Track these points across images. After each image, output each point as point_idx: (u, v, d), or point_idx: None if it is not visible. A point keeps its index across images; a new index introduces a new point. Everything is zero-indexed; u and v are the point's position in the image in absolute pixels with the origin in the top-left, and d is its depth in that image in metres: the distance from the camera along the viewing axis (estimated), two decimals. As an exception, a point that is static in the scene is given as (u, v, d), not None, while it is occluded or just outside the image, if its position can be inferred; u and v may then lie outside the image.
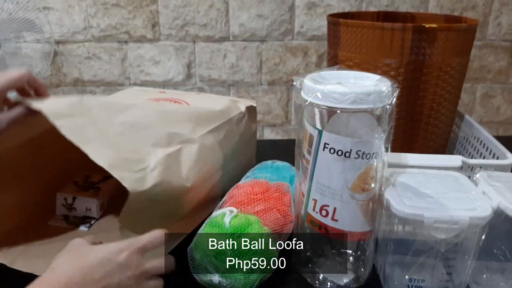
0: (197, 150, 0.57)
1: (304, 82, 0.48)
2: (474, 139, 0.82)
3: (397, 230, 0.52)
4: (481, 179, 0.54)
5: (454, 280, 0.53)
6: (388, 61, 0.72)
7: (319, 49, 1.39)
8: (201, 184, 0.58)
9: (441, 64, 0.72)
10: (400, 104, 0.74)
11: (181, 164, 0.54)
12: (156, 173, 0.50)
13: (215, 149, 0.62)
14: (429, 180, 0.54)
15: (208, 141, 0.61)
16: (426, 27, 0.68)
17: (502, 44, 1.39)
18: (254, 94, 1.46)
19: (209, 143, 0.61)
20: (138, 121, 0.55)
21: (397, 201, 0.48)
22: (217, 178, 0.63)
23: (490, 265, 0.54)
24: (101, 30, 1.37)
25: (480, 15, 1.35)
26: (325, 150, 0.47)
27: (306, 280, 0.55)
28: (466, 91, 1.45)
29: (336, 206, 0.49)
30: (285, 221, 0.57)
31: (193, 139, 0.58)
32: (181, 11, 1.35)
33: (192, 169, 0.55)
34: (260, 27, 1.37)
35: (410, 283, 0.53)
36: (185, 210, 0.57)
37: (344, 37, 0.76)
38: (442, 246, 0.50)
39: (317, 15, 1.35)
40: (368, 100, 0.44)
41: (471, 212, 0.46)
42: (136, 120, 0.55)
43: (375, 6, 1.34)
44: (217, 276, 0.49)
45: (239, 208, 0.55)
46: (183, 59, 1.41)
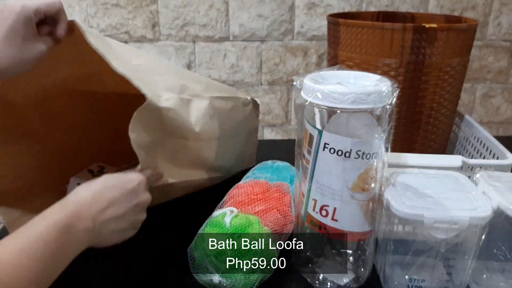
0: (207, 106, 0.58)
1: (304, 82, 0.48)
2: (474, 139, 0.82)
3: (397, 230, 0.52)
4: (481, 179, 0.54)
5: (454, 280, 0.53)
6: (388, 61, 0.72)
7: (319, 49, 1.39)
8: (205, 138, 0.59)
9: (441, 64, 0.72)
10: (400, 104, 0.74)
11: (190, 111, 0.56)
12: (170, 102, 0.51)
13: (223, 114, 0.63)
14: (429, 180, 0.54)
15: (218, 104, 0.61)
16: (426, 27, 0.68)
17: (502, 44, 1.39)
18: (254, 94, 1.46)
19: (218, 106, 0.61)
20: (152, 67, 0.57)
21: (397, 201, 0.48)
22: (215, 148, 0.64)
23: (490, 265, 0.54)
24: (101, 30, 1.37)
25: (480, 15, 1.35)
26: (325, 150, 0.47)
27: (306, 280, 0.55)
28: (466, 91, 1.45)
29: (336, 206, 0.49)
30: (285, 221, 0.57)
31: (204, 96, 0.59)
32: (181, 11, 1.35)
33: (200, 120, 0.57)
34: (260, 27, 1.36)
35: (410, 283, 0.53)
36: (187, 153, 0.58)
37: (344, 37, 0.76)
38: (442, 246, 0.50)
39: (317, 15, 1.35)
40: (368, 100, 0.44)
41: (471, 212, 0.46)
42: (151, 66, 0.57)
43: (375, 6, 1.34)
44: (217, 276, 0.49)
45: (239, 208, 0.55)
46: (183, 59, 1.41)
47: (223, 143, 0.64)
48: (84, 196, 0.44)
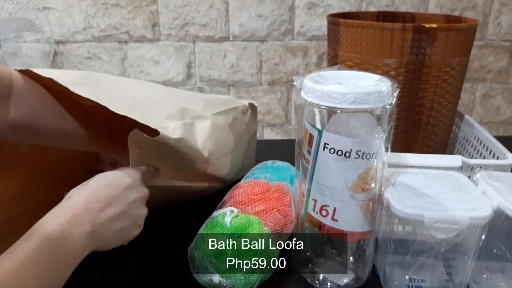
0: (210, 126, 0.57)
1: (304, 82, 0.48)
2: (474, 139, 0.82)
3: (397, 230, 0.52)
4: (481, 179, 0.54)
5: (454, 280, 0.53)
6: (388, 61, 0.72)
7: (319, 49, 1.39)
8: (212, 160, 0.58)
9: (441, 64, 0.72)
10: (400, 104, 0.74)
11: (196, 135, 0.55)
12: (178, 132, 0.50)
13: (226, 130, 0.62)
14: (429, 180, 0.54)
15: (220, 121, 0.61)
16: (426, 27, 0.68)
17: (502, 44, 1.39)
18: (254, 94, 1.46)
19: (220, 123, 0.61)
20: (148, 97, 0.55)
21: (397, 201, 0.48)
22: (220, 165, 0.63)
23: (490, 265, 0.54)
24: (101, 30, 1.37)
25: (480, 15, 1.35)
26: (325, 150, 0.47)
27: (306, 280, 0.55)
28: (466, 91, 1.45)
29: (336, 206, 0.49)
30: (285, 222, 0.57)
31: (205, 115, 0.58)
32: (181, 11, 1.35)
33: (206, 142, 0.56)
34: (260, 27, 1.37)
35: (410, 283, 0.53)
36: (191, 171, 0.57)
37: (344, 37, 0.76)
38: (442, 246, 0.50)
39: (317, 15, 1.35)
40: (368, 100, 0.44)
41: (471, 212, 0.46)
42: (147, 96, 0.55)
43: (375, 6, 1.34)
44: (217, 276, 0.49)
45: (240, 208, 0.55)
46: (183, 59, 1.41)
47: (228, 158, 0.64)
48: (79, 199, 0.42)
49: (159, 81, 1.44)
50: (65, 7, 1.35)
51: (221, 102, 0.65)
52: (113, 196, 0.44)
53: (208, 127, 0.57)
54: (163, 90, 0.61)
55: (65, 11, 1.35)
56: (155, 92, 0.59)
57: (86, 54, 1.40)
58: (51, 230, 0.38)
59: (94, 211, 0.42)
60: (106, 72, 1.42)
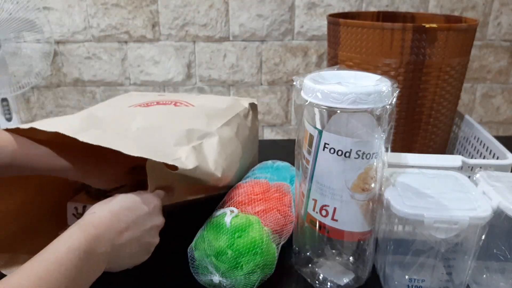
0: (217, 142, 0.58)
1: (304, 82, 0.48)
2: (474, 139, 0.82)
3: (397, 230, 0.52)
4: (481, 179, 0.54)
5: (454, 280, 0.53)
6: (388, 61, 0.72)
7: (319, 49, 1.39)
8: (227, 173, 0.59)
9: (441, 64, 0.72)
10: (400, 104, 0.74)
11: (206, 158, 0.55)
12: (192, 160, 0.50)
13: (233, 141, 0.63)
14: (429, 180, 0.54)
15: (226, 133, 0.61)
16: (426, 27, 0.68)
17: (502, 44, 1.39)
18: (254, 94, 1.46)
19: (227, 135, 0.61)
20: (152, 124, 0.55)
21: (397, 201, 0.48)
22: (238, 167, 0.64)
23: (490, 265, 0.54)
24: (101, 30, 1.37)
25: (480, 15, 1.35)
26: (325, 150, 0.47)
27: (306, 280, 0.55)
28: (466, 91, 1.45)
29: (336, 206, 0.49)
30: (285, 222, 0.57)
31: (211, 132, 0.58)
32: (181, 11, 1.35)
33: (217, 161, 0.56)
34: (260, 27, 1.36)
35: (410, 283, 0.53)
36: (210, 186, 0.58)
37: (344, 37, 0.76)
38: (442, 246, 0.50)
39: (317, 15, 1.35)
40: (368, 100, 0.44)
41: (471, 212, 0.46)
42: (149, 124, 0.55)
43: (375, 6, 1.34)
44: (217, 276, 0.49)
45: (240, 208, 0.55)
46: (183, 59, 1.41)
47: (238, 165, 0.64)
48: (103, 217, 0.42)
49: (159, 81, 1.44)
50: (65, 7, 1.35)
51: (223, 111, 0.65)
52: (133, 220, 0.44)
53: (216, 144, 0.57)
54: (163, 111, 0.61)
55: (65, 11, 1.35)
56: (155, 115, 0.59)
57: (86, 54, 1.40)
58: (77, 243, 0.37)
59: (115, 232, 0.42)
60: (106, 72, 1.43)
